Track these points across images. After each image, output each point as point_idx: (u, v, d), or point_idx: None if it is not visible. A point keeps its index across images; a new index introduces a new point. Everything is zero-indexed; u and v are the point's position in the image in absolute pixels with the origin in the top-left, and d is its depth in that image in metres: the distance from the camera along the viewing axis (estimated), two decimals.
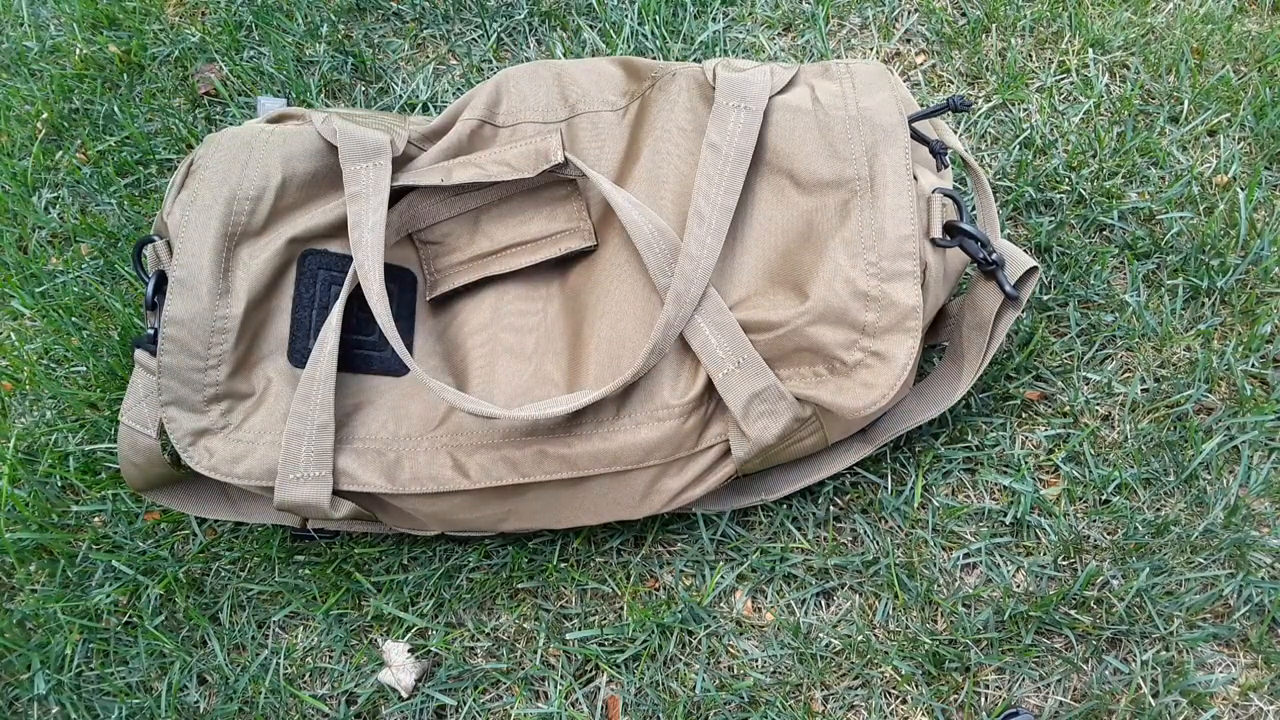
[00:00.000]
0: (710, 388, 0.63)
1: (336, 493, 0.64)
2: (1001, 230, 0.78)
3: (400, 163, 0.67)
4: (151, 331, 0.64)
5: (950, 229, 0.62)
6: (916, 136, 0.65)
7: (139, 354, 0.64)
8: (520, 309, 0.68)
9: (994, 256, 0.62)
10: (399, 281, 0.68)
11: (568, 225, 0.67)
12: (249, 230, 0.64)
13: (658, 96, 0.67)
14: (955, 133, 0.81)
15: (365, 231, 0.63)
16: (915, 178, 0.62)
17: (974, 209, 0.72)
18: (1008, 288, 0.62)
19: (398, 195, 0.68)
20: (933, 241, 0.61)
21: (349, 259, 0.66)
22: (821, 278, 0.61)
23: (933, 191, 0.62)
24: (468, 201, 0.68)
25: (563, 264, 0.68)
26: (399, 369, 0.66)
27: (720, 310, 0.62)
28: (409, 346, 0.67)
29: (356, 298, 0.65)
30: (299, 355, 0.65)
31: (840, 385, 0.61)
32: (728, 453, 0.64)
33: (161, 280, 0.65)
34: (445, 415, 0.65)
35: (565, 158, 0.65)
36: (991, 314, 0.64)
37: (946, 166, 0.66)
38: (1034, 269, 0.63)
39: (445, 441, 0.64)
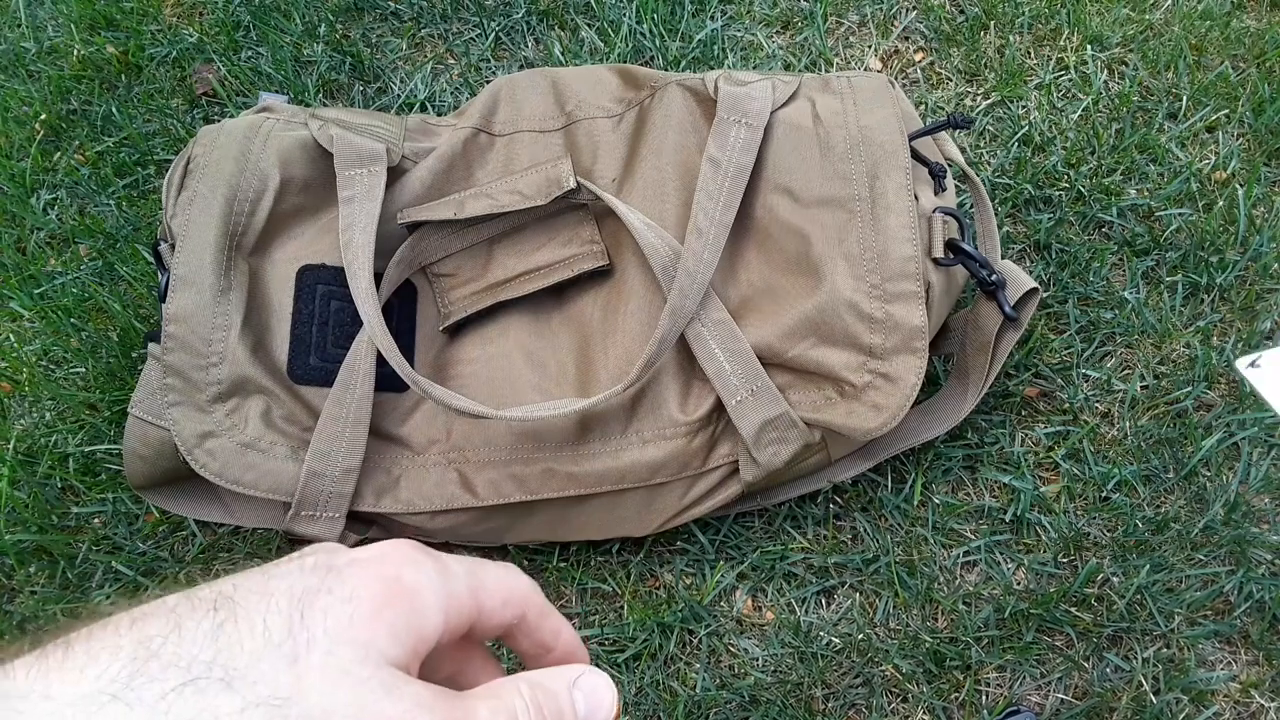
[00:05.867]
0: (719, 407, 0.63)
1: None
2: (1000, 228, 0.78)
3: (396, 173, 0.67)
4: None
5: (951, 247, 0.62)
6: (916, 157, 0.64)
7: (152, 346, 0.64)
8: (528, 328, 0.67)
9: (994, 278, 0.62)
10: (400, 295, 0.68)
11: (581, 249, 0.66)
12: (250, 229, 0.64)
13: (657, 106, 0.67)
14: (955, 143, 0.81)
15: (356, 232, 0.63)
16: (916, 197, 0.62)
17: (972, 220, 0.71)
18: (1007, 309, 0.62)
19: (409, 230, 0.67)
20: (935, 261, 0.61)
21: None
22: (823, 299, 0.61)
23: (934, 211, 0.62)
24: (480, 232, 0.67)
25: (572, 282, 0.67)
26: (400, 385, 0.65)
27: (735, 337, 0.62)
28: (409, 362, 0.66)
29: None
30: (299, 372, 0.64)
31: (850, 408, 0.61)
32: (734, 472, 0.64)
33: None
34: (450, 432, 0.64)
35: (577, 183, 0.65)
36: (993, 334, 0.64)
37: (945, 190, 0.66)
38: (1034, 290, 0.63)
39: (453, 458, 0.64)
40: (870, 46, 0.87)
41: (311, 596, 0.23)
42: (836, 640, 0.67)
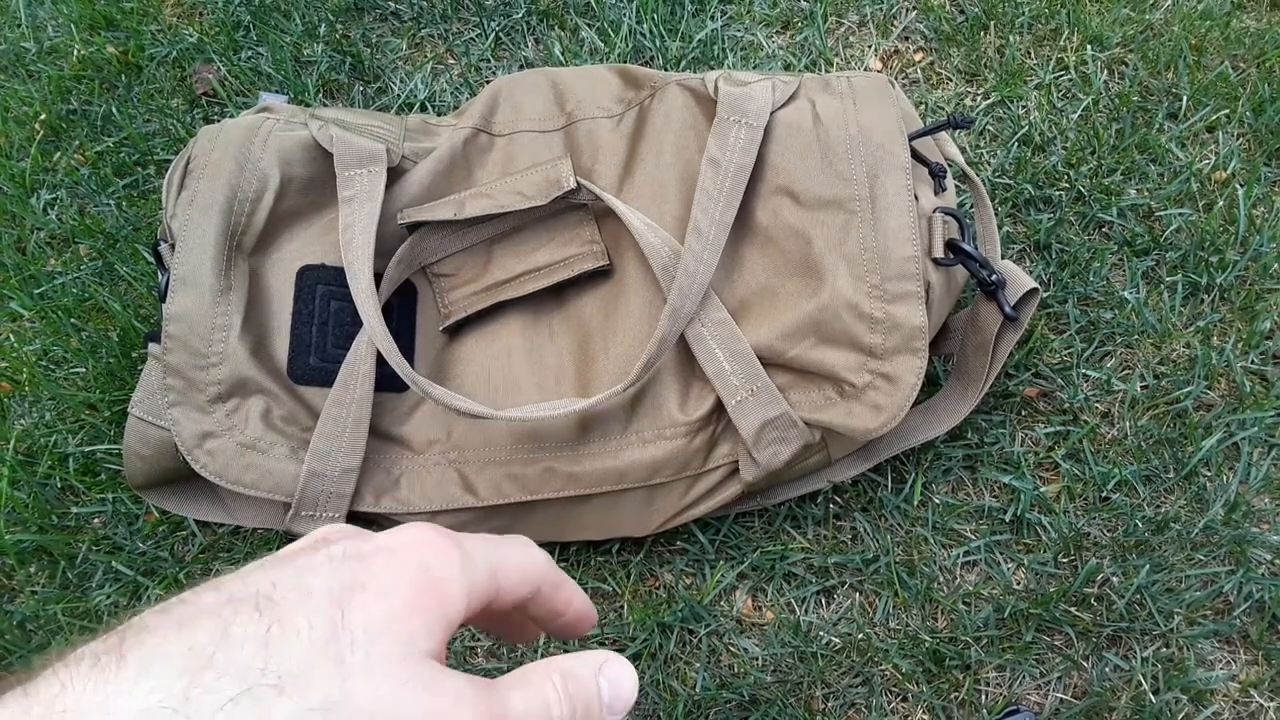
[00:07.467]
0: (719, 407, 0.63)
1: None
2: (1000, 228, 0.78)
3: (396, 173, 0.67)
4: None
5: (951, 247, 0.62)
6: (916, 157, 0.64)
7: (152, 346, 0.64)
8: (528, 328, 0.67)
9: (994, 278, 0.62)
10: (400, 295, 0.68)
11: (581, 249, 0.66)
12: (250, 229, 0.64)
13: (657, 107, 0.67)
14: (955, 143, 0.81)
15: (356, 232, 0.63)
16: (916, 197, 0.62)
17: (972, 220, 0.71)
18: (1007, 309, 0.62)
19: (409, 230, 0.67)
20: (935, 261, 0.61)
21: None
22: (824, 300, 0.61)
23: (934, 211, 0.62)
24: (480, 232, 0.67)
25: (572, 282, 0.67)
26: (400, 385, 0.65)
27: (735, 337, 0.62)
28: (409, 362, 0.66)
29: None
30: (299, 372, 0.64)
31: (850, 409, 0.61)
32: (734, 472, 0.64)
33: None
34: (450, 432, 0.64)
35: (577, 183, 0.64)
36: (993, 334, 0.64)
37: (945, 190, 0.66)
38: (1034, 290, 0.63)
39: (453, 458, 0.64)
40: (870, 46, 0.87)
41: (349, 594, 0.24)
42: (836, 640, 0.67)
